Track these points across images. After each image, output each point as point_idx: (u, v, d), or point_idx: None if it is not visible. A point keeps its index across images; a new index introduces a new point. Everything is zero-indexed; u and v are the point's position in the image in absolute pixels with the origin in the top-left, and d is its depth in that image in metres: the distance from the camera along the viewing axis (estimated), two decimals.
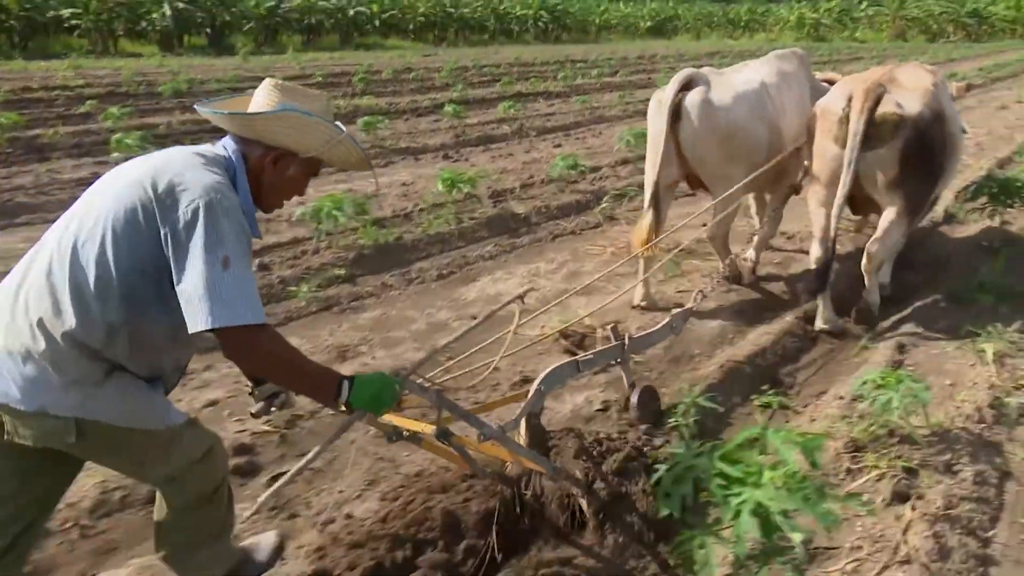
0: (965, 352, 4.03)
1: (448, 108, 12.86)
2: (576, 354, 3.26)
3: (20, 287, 1.80)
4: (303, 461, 1.84)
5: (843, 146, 4.11)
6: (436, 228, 6.53)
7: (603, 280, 4.65)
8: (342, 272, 5.54)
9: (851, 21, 57.54)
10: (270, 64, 22.88)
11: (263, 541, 2.52)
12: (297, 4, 37.60)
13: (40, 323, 1.74)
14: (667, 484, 2.35)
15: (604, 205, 7.37)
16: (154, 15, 31.25)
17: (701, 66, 5.14)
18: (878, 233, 4.32)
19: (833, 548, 2.55)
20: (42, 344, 1.74)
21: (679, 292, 5.15)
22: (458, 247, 6.38)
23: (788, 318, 4.67)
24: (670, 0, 69.57)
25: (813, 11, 57.92)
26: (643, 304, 4.79)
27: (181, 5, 31.94)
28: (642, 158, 5.96)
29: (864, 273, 4.46)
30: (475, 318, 4.37)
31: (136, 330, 1.80)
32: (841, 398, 3.53)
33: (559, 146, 11.15)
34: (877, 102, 4.02)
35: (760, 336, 4.40)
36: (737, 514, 2.09)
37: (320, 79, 17.90)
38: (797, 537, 2.07)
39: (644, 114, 5.08)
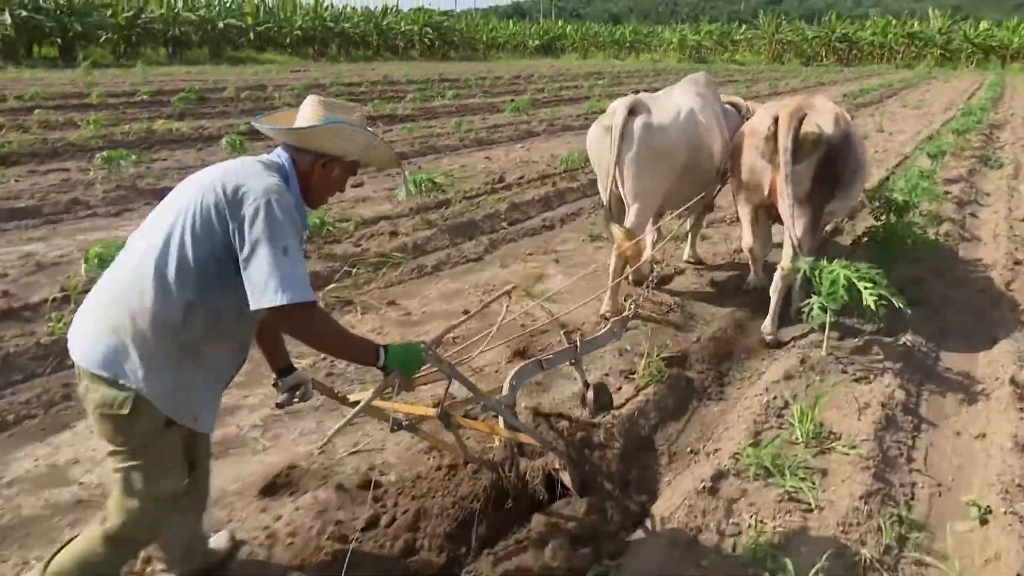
0: None
1: (227, 140, 9.96)
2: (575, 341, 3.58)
3: (116, 272, 2.10)
4: (350, 415, 2.29)
5: (769, 161, 4.58)
6: None
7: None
8: None
9: (731, 44, 59.39)
10: (100, 79, 20.47)
11: (215, 540, 2.72)
12: (159, 15, 34.90)
13: (128, 302, 2.01)
14: None
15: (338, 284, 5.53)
16: None
17: (578, 86, 5.75)
18: (791, 246, 4.59)
19: None
20: (126, 322, 2.00)
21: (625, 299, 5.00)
22: None
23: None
24: (559, 19, 69.99)
25: (695, 33, 59.51)
26: (608, 314, 4.99)
27: (24, 13, 28.87)
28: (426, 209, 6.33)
29: (774, 289, 4.81)
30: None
31: (210, 307, 2.05)
32: None
33: (360, 185, 8.78)
34: (801, 122, 4.41)
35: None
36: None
37: (146, 96, 15.78)
38: None
39: (483, 143, 5.59)
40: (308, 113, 2.22)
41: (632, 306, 4.18)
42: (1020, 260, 6.27)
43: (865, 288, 4.07)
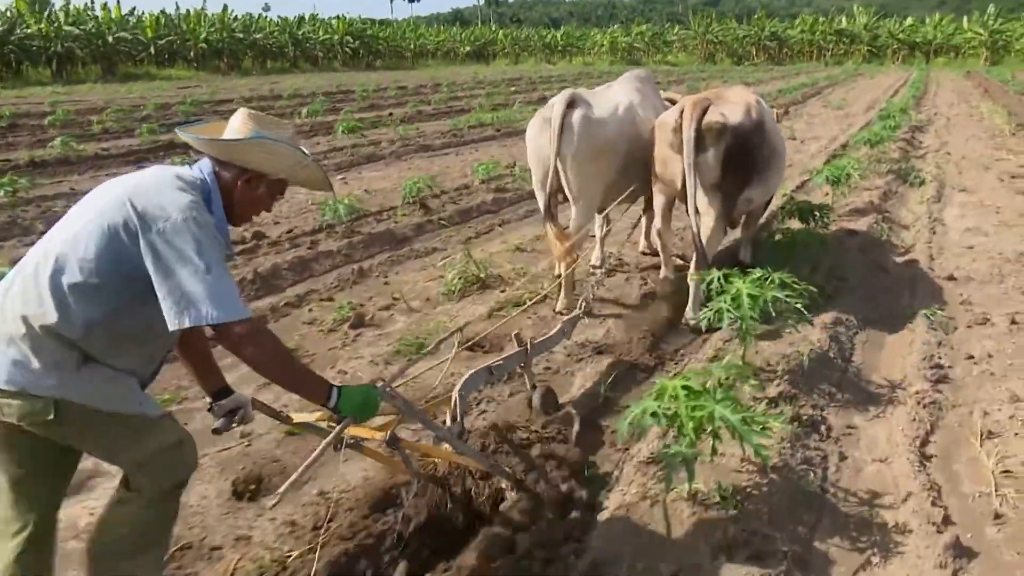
0: None
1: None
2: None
3: (10, 285, 1.97)
4: (300, 469, 2.01)
5: (679, 151, 4.62)
6: None
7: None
8: None
9: (664, 44, 58.58)
10: None
11: None
12: (36, 30, 32.04)
13: (23, 316, 1.89)
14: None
15: None
16: None
17: (474, 95, 6.70)
18: (703, 234, 4.72)
19: None
20: (23, 332, 1.89)
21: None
22: None
23: None
24: (493, 25, 68.57)
25: (626, 35, 58.47)
26: (563, 311, 4.91)
27: None
28: None
29: (691, 277, 4.78)
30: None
31: (114, 325, 1.94)
32: None
33: None
34: (704, 113, 4.53)
35: None
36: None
37: None
38: None
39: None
40: (237, 126, 2.13)
41: (583, 304, 4.37)
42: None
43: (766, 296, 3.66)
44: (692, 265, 4.80)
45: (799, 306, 3.61)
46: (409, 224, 7.53)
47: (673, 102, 5.48)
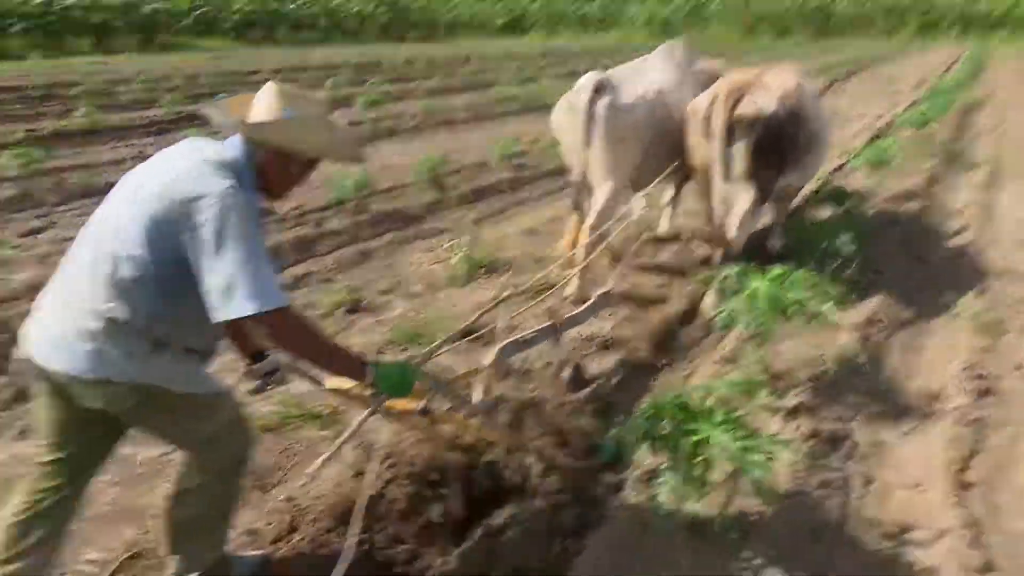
0: None
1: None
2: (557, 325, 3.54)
3: (72, 284, 2.01)
4: (336, 443, 2.30)
5: (709, 140, 4.49)
6: None
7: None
8: None
9: (702, 18, 57.02)
10: None
11: (248, 556, 2.59)
12: (74, 1, 32.20)
13: (92, 311, 1.94)
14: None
15: None
16: None
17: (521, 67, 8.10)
18: (734, 222, 4.66)
19: None
20: (94, 326, 1.94)
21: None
22: None
23: None
24: None
25: (664, 5, 56.97)
26: (574, 297, 4.71)
27: None
28: None
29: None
30: None
31: (175, 313, 1.99)
32: None
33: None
34: (737, 102, 4.38)
35: None
36: None
37: None
38: None
39: None
40: (266, 105, 2.09)
41: (615, 279, 4.26)
42: None
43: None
44: (715, 256, 4.73)
45: (824, 309, 3.21)
46: (420, 203, 7.21)
47: (713, 73, 5.24)
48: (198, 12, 39.56)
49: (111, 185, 2.15)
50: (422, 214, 6.97)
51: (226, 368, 2.94)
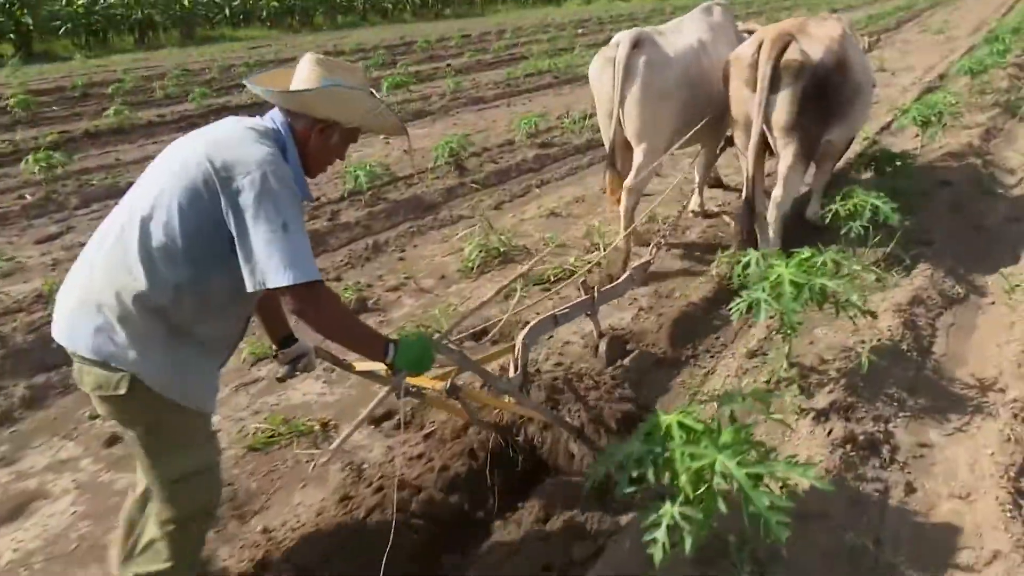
0: None
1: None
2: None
3: (96, 252, 1.95)
4: (359, 418, 2.36)
5: (754, 90, 4.35)
6: None
7: None
8: None
9: None
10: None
11: None
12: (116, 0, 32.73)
13: (112, 283, 1.88)
14: None
15: None
16: None
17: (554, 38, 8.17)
18: (779, 179, 4.52)
19: None
20: (112, 301, 1.87)
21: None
22: None
23: None
24: None
25: None
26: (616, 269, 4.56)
27: None
28: None
29: (767, 219, 4.62)
30: None
31: (201, 289, 1.92)
32: None
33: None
34: (783, 49, 4.26)
35: None
36: None
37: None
38: None
39: None
40: (305, 74, 2.05)
41: (654, 250, 4.21)
42: None
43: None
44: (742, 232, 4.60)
45: (855, 298, 2.85)
46: (440, 188, 6.95)
47: (751, 33, 5.02)
48: (236, 3, 39.84)
49: (133, 184, 2.05)
50: (440, 201, 6.73)
51: (227, 372, 2.77)
